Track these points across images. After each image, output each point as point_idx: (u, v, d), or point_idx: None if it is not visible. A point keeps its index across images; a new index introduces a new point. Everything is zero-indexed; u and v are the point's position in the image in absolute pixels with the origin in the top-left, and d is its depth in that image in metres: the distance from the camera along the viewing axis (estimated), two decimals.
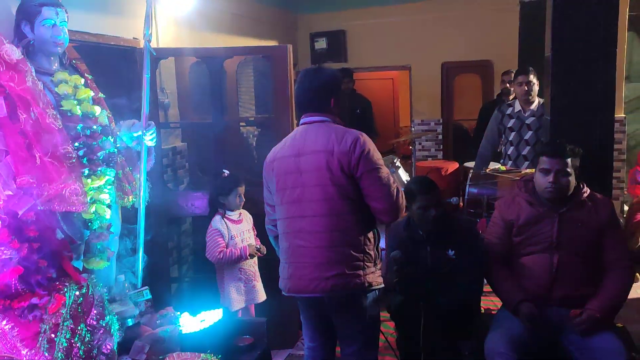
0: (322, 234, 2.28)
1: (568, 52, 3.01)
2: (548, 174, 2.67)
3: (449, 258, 2.83)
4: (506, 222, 2.80)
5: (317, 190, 2.28)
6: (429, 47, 7.20)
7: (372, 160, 2.27)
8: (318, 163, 2.28)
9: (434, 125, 7.44)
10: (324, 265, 2.27)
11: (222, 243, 3.32)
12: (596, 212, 2.67)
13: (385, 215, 2.32)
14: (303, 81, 2.39)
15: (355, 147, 2.25)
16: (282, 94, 3.63)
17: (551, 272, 2.65)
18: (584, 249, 2.65)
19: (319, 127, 2.36)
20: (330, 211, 2.26)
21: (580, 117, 3.03)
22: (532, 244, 2.71)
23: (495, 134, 4.42)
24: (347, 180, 2.26)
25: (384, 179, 2.28)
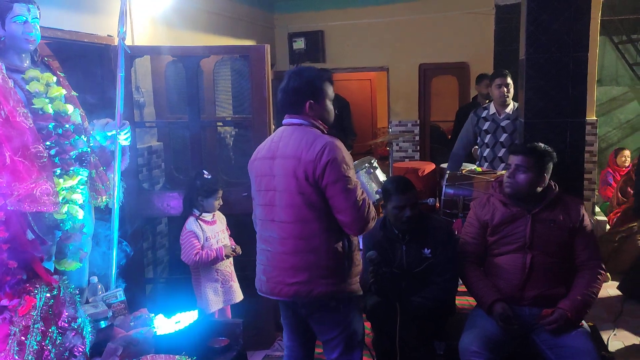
0: (288, 240, 2.25)
1: (541, 56, 3.06)
2: (509, 169, 2.78)
3: (424, 257, 2.86)
4: (481, 223, 2.84)
5: (285, 196, 2.25)
6: (406, 49, 7.26)
7: (338, 171, 2.17)
8: (287, 169, 2.24)
9: (411, 127, 7.50)
10: (288, 271, 2.26)
11: (198, 245, 3.30)
12: (568, 213, 2.73)
13: (350, 228, 2.24)
14: (284, 81, 2.35)
15: (322, 155, 2.17)
16: (259, 94, 3.62)
17: (524, 271, 2.69)
18: (556, 249, 2.70)
19: (294, 131, 2.31)
20: (295, 218, 2.23)
21: (553, 120, 3.08)
22: (506, 244, 2.76)
23: (470, 136, 4.48)
24: (311, 189, 2.20)
25: (349, 190, 2.18)
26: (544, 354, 2.59)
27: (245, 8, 6.50)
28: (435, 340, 2.87)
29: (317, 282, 2.23)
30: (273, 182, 2.30)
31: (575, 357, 2.46)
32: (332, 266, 2.25)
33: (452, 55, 7.12)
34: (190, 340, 2.54)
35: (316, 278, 2.23)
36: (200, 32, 5.28)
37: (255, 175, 2.40)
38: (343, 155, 2.21)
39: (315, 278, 2.23)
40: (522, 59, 3.18)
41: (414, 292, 2.83)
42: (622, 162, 6.03)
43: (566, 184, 2.94)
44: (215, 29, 5.65)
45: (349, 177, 2.19)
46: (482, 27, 6.67)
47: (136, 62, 3.87)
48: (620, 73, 7.56)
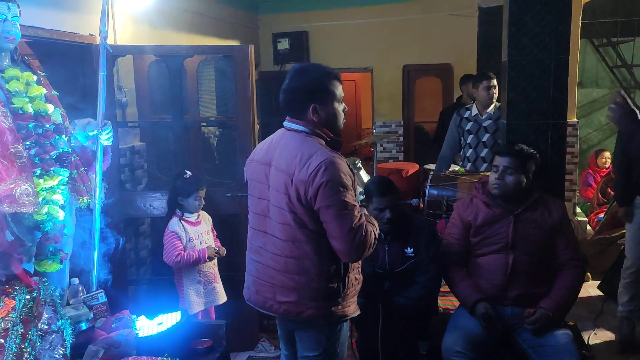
0: (279, 257, 2.11)
1: (523, 58, 3.10)
2: (496, 171, 2.78)
3: (407, 257, 2.88)
4: (464, 223, 2.86)
5: (278, 212, 2.08)
6: (390, 50, 7.29)
7: (332, 195, 1.96)
8: (279, 184, 2.06)
9: (395, 127, 7.53)
10: (279, 289, 2.13)
11: (180, 246, 3.28)
12: (549, 213, 2.76)
13: (343, 256, 2.06)
14: (287, 79, 2.11)
15: (316, 176, 1.96)
16: (243, 95, 3.61)
17: (506, 272, 2.72)
18: (538, 249, 2.73)
19: (292, 139, 2.10)
20: (287, 236, 2.07)
21: (535, 121, 3.12)
22: (489, 244, 2.78)
23: (455, 137, 4.51)
24: (303, 210, 2.02)
25: (344, 216, 1.98)
26: (526, 353, 2.62)
27: (229, 8, 6.48)
28: (419, 340, 2.88)
29: (307, 305, 2.11)
30: (268, 193, 2.12)
31: (556, 356, 2.49)
32: (323, 289, 2.10)
33: (435, 57, 7.17)
34: (173, 342, 2.52)
35: (306, 300, 2.10)
36: (184, 32, 5.25)
37: (249, 177, 2.26)
38: (340, 175, 1.98)
39: (305, 300, 2.10)
40: (504, 60, 3.21)
41: (397, 292, 2.84)
42: (602, 164, 6.11)
43: (548, 185, 2.98)
44: (199, 29, 5.62)
45: (344, 201, 1.98)
46: (465, 29, 6.72)
47: (118, 62, 3.83)
48: (600, 75, 7.67)
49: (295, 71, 2.12)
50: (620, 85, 7.42)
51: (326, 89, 2.10)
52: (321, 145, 2.07)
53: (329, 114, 2.11)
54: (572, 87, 5.09)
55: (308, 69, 2.12)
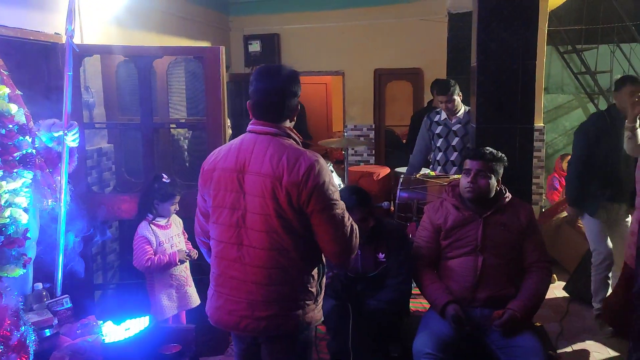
0: (260, 269, 2.00)
1: (492, 63, 3.15)
2: (468, 174, 2.81)
3: (379, 262, 2.88)
4: (434, 226, 2.89)
5: (259, 219, 1.98)
6: (362, 54, 7.33)
7: (326, 196, 1.95)
8: (263, 189, 1.97)
9: (367, 131, 7.57)
10: (259, 304, 2.01)
11: (150, 250, 3.24)
12: (517, 216, 2.82)
13: (335, 257, 2.04)
14: (257, 80, 2.05)
15: (309, 178, 1.92)
16: (214, 97, 3.58)
17: (476, 273, 2.75)
18: (506, 251, 2.78)
19: (269, 143, 2.02)
20: (271, 245, 1.98)
21: (503, 125, 3.18)
22: (458, 247, 2.82)
23: (426, 141, 4.54)
24: (294, 215, 1.96)
25: (337, 217, 1.97)
26: (495, 354, 2.66)
27: (200, 9, 6.42)
28: (390, 343, 2.90)
29: (289, 316, 2.02)
30: (243, 202, 2.01)
31: (523, 357, 2.53)
32: (304, 296, 2.05)
33: (406, 61, 7.24)
34: (141, 348, 2.47)
35: (287, 311, 2.02)
36: (153, 32, 5.18)
37: (214, 187, 2.09)
38: (330, 176, 1.99)
39: (287, 311, 2.02)
40: (473, 65, 3.26)
41: (370, 296, 2.85)
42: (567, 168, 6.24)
43: (515, 188, 3.03)
44: (169, 30, 5.55)
45: (337, 201, 1.98)
46: (435, 34, 6.81)
47: (85, 62, 3.76)
48: (565, 82, 7.86)
49: (268, 70, 2.07)
50: (584, 92, 7.63)
51: (299, 88, 2.10)
52: (301, 147, 2.04)
53: (296, 118, 2.13)
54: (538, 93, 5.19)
55: (282, 69, 2.07)
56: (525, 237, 2.80)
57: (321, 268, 2.13)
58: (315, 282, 2.09)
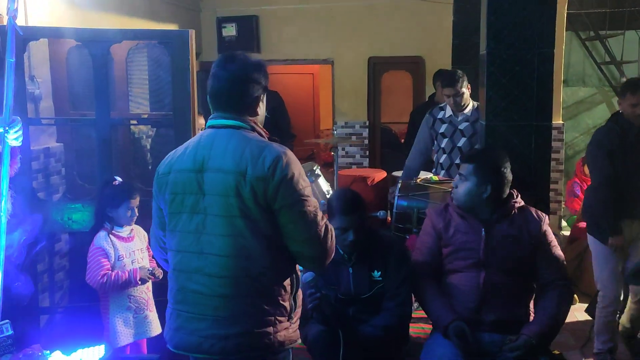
0: (226, 279, 2.02)
1: (504, 51, 3.17)
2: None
3: (374, 280, 2.89)
4: (436, 231, 2.92)
5: (222, 222, 2.01)
6: (354, 40, 7.35)
7: (296, 190, 2.00)
8: (225, 187, 2.01)
9: (359, 129, 7.59)
10: (226, 320, 2.02)
11: (107, 265, 3.22)
12: (528, 227, 2.83)
13: (309, 262, 2.11)
14: (217, 69, 2.13)
15: (275, 170, 1.97)
16: (182, 88, 3.57)
17: (479, 291, 2.77)
18: (514, 266, 2.79)
19: (231, 136, 2.07)
20: (238, 251, 2.00)
21: (517, 123, 3.20)
22: (459, 258, 2.84)
23: (427, 142, 4.55)
24: (261, 214, 2.00)
25: (309, 215, 2.02)
26: None
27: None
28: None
29: (258, 334, 2.03)
30: (202, 204, 2.04)
31: None
32: (277, 311, 2.06)
33: (405, 49, 7.27)
34: None
35: (257, 328, 2.03)
36: (112, 12, 5.15)
37: (171, 191, 2.12)
38: (299, 169, 2.05)
39: (256, 327, 2.03)
40: (482, 53, 3.28)
41: (364, 320, 2.85)
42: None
43: (531, 195, 3.05)
44: (130, 10, 5.53)
45: (307, 196, 2.03)
46: (439, 17, 6.85)
47: (31, 47, 3.73)
48: (587, 73, 7.91)
49: (229, 59, 2.14)
50: (609, 84, 7.71)
51: (266, 78, 2.17)
52: (267, 140, 2.12)
53: (262, 113, 2.18)
54: (557, 85, 5.25)
55: (243, 57, 2.15)
56: (538, 251, 2.82)
57: (295, 279, 2.15)
58: (288, 295, 2.10)
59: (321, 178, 4.49)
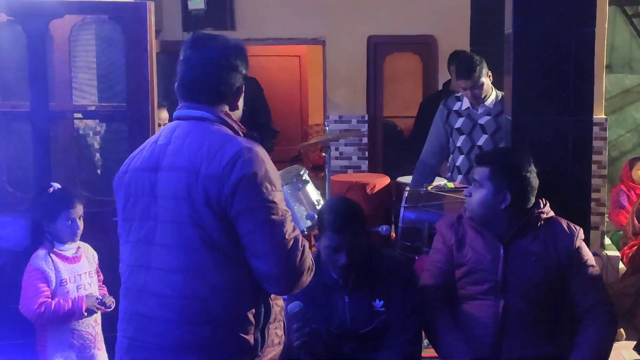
0: (174, 300, 2.04)
1: (534, 30, 3.19)
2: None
3: (375, 312, 2.89)
4: (448, 247, 2.94)
5: (172, 230, 2.05)
6: (350, 15, 7.36)
7: (257, 193, 1.99)
8: (176, 187, 2.04)
9: (357, 124, 7.59)
10: (174, 352, 2.04)
11: (46, 291, 3.23)
12: (555, 242, 2.84)
13: (269, 283, 2.05)
14: (189, 52, 2.17)
15: (233, 168, 1.98)
16: (138, 74, 3.57)
17: (497, 323, 2.79)
18: (538, 292, 2.81)
19: (192, 128, 2.12)
20: (187, 266, 2.02)
21: (550, 118, 3.21)
22: (474, 282, 2.87)
23: (441, 138, 4.56)
24: (214, 220, 2.01)
25: (273, 223, 2.00)
26: None
27: None
28: None
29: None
30: (154, 208, 2.09)
31: None
32: (235, 344, 2.06)
33: (413, 26, 7.28)
34: None
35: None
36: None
37: (124, 194, 2.19)
38: (266, 169, 2.05)
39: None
40: (508, 33, 3.30)
41: None
42: (639, 177, 6.28)
43: (567, 205, 3.07)
44: None
45: (273, 202, 2.02)
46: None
47: None
48: (635, 57, 7.95)
49: (199, 40, 2.19)
50: None
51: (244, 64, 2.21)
52: (234, 134, 2.14)
53: (237, 101, 2.23)
54: (598, 72, 5.27)
55: (216, 39, 2.21)
56: (569, 273, 2.82)
57: (265, 308, 2.13)
58: (253, 328, 2.10)
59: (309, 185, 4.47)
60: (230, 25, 7.42)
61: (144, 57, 3.57)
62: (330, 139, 5.36)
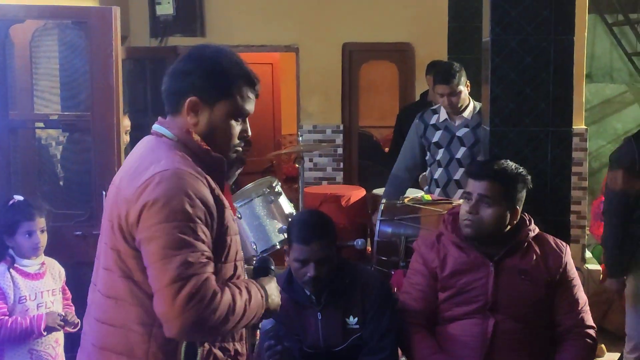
0: (98, 323, 2.05)
1: (512, 38, 3.21)
2: (469, 200, 2.87)
3: (349, 329, 2.88)
4: (430, 270, 2.92)
5: (104, 251, 2.06)
6: (324, 21, 7.37)
7: (157, 222, 1.86)
8: (107, 206, 2.09)
9: (332, 134, 7.59)
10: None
11: (2, 308, 3.19)
12: (545, 260, 2.86)
13: (164, 323, 1.86)
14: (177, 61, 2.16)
15: (143, 192, 1.89)
16: (103, 81, 3.55)
17: (485, 343, 2.78)
18: (529, 311, 2.82)
19: (146, 144, 2.11)
20: (108, 290, 2.01)
21: (529, 128, 3.23)
22: (461, 303, 2.85)
23: (416, 151, 4.58)
24: (125, 247, 1.95)
25: (168, 258, 1.83)
26: None
27: None
28: None
29: None
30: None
31: None
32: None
33: (389, 33, 7.31)
34: None
35: None
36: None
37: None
38: (181, 197, 1.89)
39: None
40: (485, 40, 3.32)
41: None
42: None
43: (546, 218, 3.09)
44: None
45: (176, 236, 1.86)
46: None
47: None
48: (615, 66, 8.04)
49: (196, 48, 2.16)
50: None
51: (225, 84, 2.08)
52: (177, 155, 2.00)
53: (213, 124, 2.07)
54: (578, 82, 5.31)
55: (213, 49, 2.16)
56: (557, 291, 2.85)
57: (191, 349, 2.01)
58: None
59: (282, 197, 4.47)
60: (200, 31, 7.40)
61: (109, 64, 3.54)
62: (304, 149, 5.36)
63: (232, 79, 2.10)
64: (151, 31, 7.42)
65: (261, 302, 2.04)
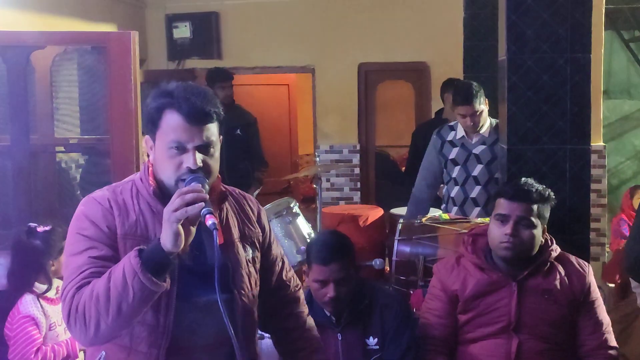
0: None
1: (528, 57, 3.21)
2: (505, 222, 2.81)
3: (369, 350, 2.87)
4: (448, 294, 2.90)
5: None
6: (340, 42, 7.39)
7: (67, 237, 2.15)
8: None
9: (349, 154, 7.60)
10: None
11: (38, 338, 3.17)
12: (569, 280, 2.84)
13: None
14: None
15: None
16: (122, 105, 3.57)
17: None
18: (552, 331, 2.80)
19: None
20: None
21: (546, 146, 3.23)
22: (484, 324, 2.83)
23: (435, 168, 4.57)
24: None
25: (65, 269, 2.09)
26: None
27: None
28: None
29: None
30: None
31: None
32: None
33: (405, 53, 7.32)
34: None
35: None
36: (33, 10, 5.16)
37: None
38: (80, 217, 2.11)
39: None
40: (502, 59, 3.32)
41: None
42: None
43: (565, 237, 3.07)
44: (56, 7, 5.53)
45: (68, 255, 2.09)
46: (447, 13, 6.92)
47: None
48: (633, 82, 7.99)
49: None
50: None
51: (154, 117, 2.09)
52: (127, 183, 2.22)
53: (157, 158, 2.11)
54: (596, 98, 5.30)
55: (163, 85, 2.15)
56: (581, 312, 2.83)
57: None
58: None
59: (300, 218, 4.47)
60: (217, 54, 7.45)
61: (128, 88, 3.57)
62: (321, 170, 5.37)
63: (159, 111, 2.08)
64: (169, 54, 7.49)
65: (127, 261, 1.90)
